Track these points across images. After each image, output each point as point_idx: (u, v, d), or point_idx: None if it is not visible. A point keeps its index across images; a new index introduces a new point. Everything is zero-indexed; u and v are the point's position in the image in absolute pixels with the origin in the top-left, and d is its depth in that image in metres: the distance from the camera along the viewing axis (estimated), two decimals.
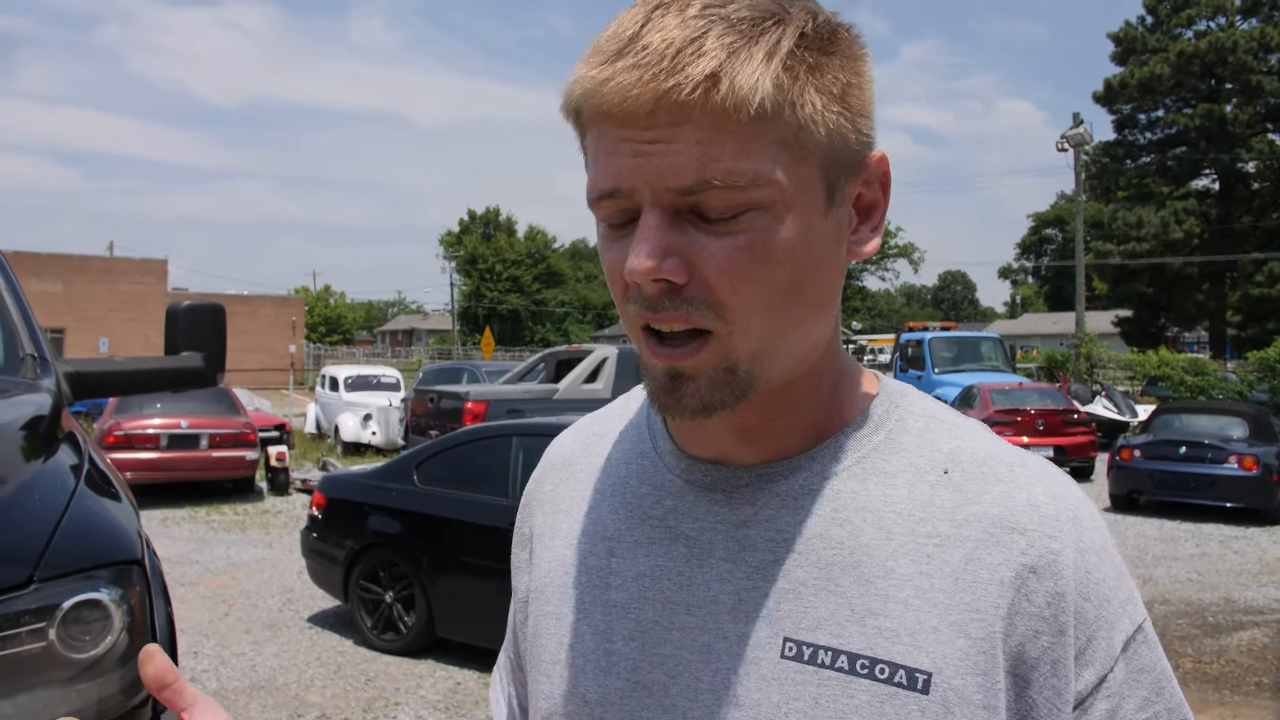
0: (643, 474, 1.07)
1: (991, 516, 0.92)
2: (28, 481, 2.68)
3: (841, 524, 0.95)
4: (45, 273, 46.99)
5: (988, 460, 0.97)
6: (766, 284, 0.88)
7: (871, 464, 0.98)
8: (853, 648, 0.90)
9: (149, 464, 16.17)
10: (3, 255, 4.32)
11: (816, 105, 0.87)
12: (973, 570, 0.90)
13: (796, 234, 0.88)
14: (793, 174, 0.88)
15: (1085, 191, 43.66)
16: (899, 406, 1.02)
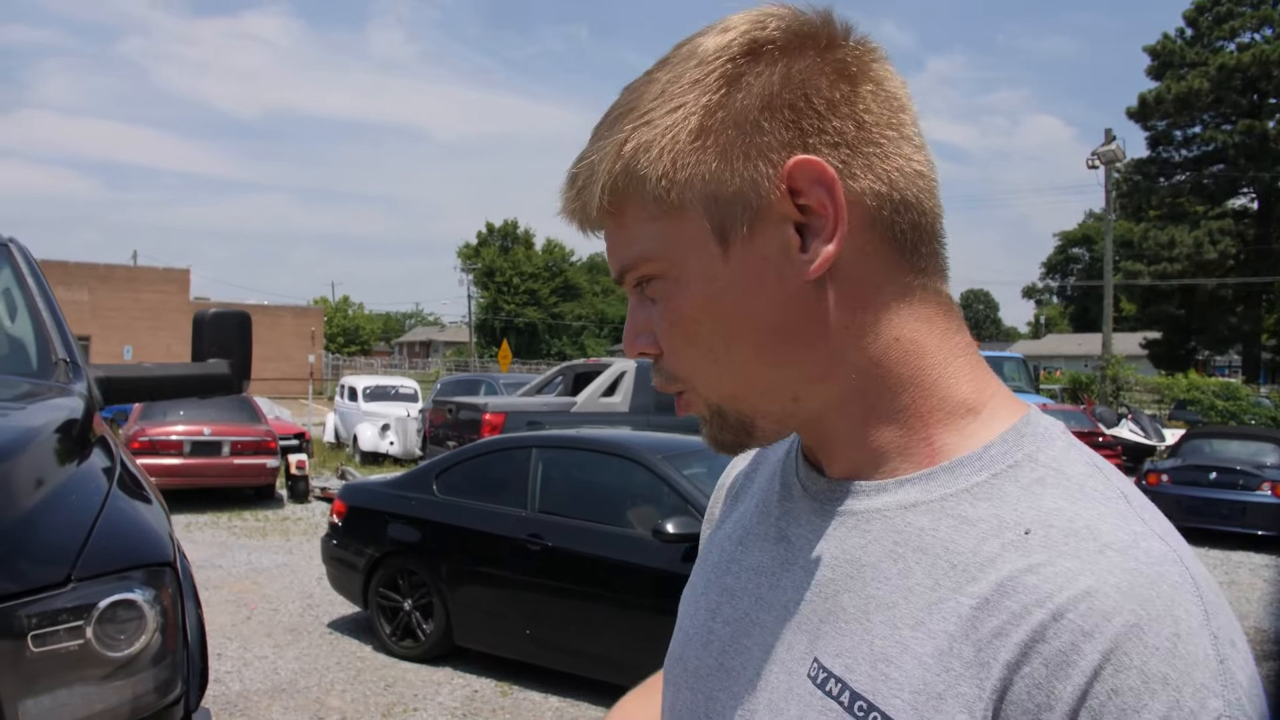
0: (784, 472, 1.08)
1: (1041, 592, 0.80)
2: (64, 484, 2.73)
3: (896, 559, 0.90)
4: (72, 281, 47.24)
5: (1084, 532, 0.83)
6: (694, 341, 0.95)
7: (954, 505, 0.89)
8: (858, 687, 0.87)
9: (172, 470, 16.27)
10: (37, 263, 4.40)
11: (659, 171, 0.91)
12: (995, 646, 0.81)
13: (698, 289, 0.93)
14: (674, 238, 0.93)
15: (1115, 210, 42.79)
16: (1023, 449, 0.90)
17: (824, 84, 0.90)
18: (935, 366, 0.93)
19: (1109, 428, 23.44)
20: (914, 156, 0.92)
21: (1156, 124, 53.85)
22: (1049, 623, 0.78)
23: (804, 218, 0.90)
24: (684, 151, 0.90)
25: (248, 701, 7.31)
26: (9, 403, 3.33)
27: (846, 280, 0.91)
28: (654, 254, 0.94)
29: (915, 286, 0.93)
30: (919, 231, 0.93)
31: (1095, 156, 36.68)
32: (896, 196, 0.91)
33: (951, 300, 0.97)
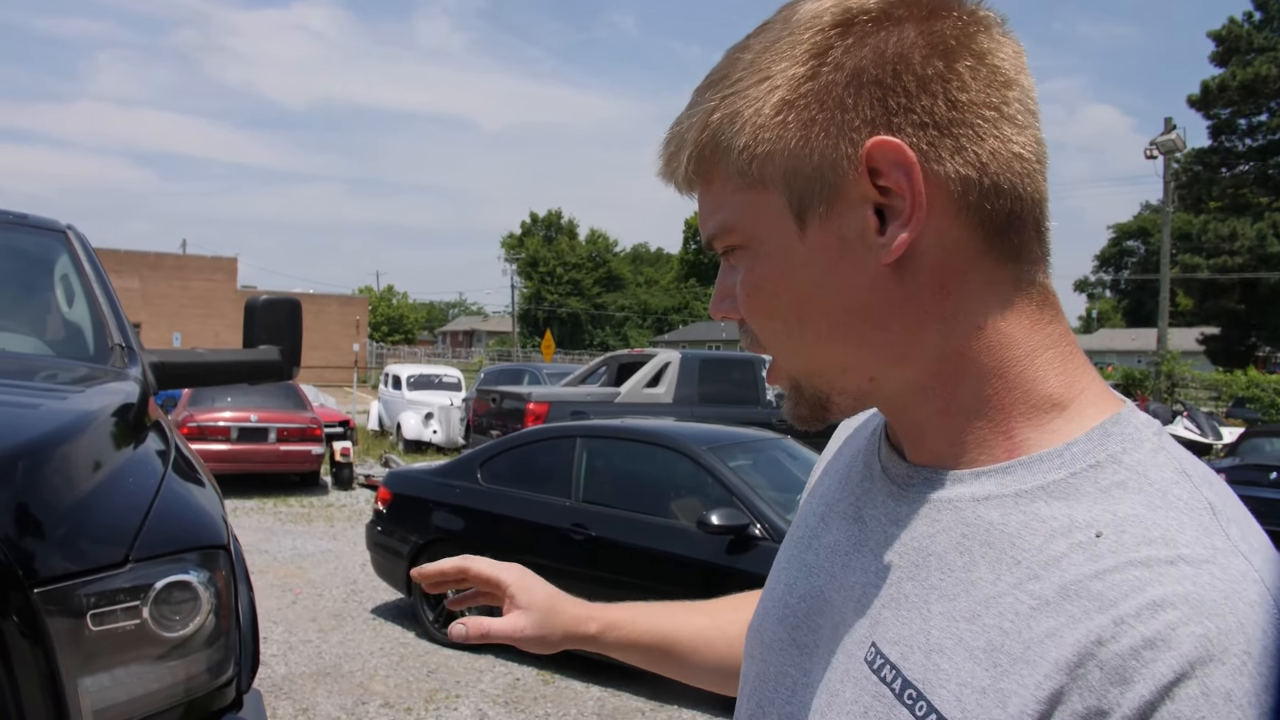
0: (868, 452, 1.07)
1: (1105, 599, 0.77)
2: (121, 466, 2.77)
3: (962, 552, 0.88)
4: (123, 269, 47.64)
5: (1157, 542, 0.79)
6: (769, 312, 0.94)
7: (1027, 502, 0.86)
8: (910, 675, 0.85)
9: (219, 455, 16.41)
10: (94, 251, 4.45)
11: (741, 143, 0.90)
12: (1046, 646, 0.78)
13: (774, 264, 0.92)
14: (755, 210, 0.92)
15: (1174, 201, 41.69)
16: (1108, 449, 0.86)
17: (916, 59, 0.86)
18: (1022, 358, 0.90)
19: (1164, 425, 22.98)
20: (1014, 138, 0.87)
21: (1219, 112, 52.14)
22: (1110, 630, 0.75)
23: (884, 200, 0.86)
24: (766, 125, 0.88)
25: (292, 685, 7.38)
26: (67, 386, 3.38)
27: (927, 266, 0.88)
28: (736, 224, 0.93)
29: (1006, 275, 0.89)
30: (1013, 218, 0.88)
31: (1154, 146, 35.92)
32: (987, 182, 0.86)
33: (1049, 289, 0.92)
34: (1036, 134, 0.90)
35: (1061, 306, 0.94)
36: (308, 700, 7.09)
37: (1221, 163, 53.92)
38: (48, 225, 4.50)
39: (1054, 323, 0.92)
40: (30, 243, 4.42)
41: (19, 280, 4.45)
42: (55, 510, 2.40)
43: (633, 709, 7.18)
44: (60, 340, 4.11)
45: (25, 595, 2.19)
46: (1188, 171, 52.80)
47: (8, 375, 3.38)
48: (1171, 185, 38.56)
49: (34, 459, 2.44)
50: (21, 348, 3.96)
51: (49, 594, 2.24)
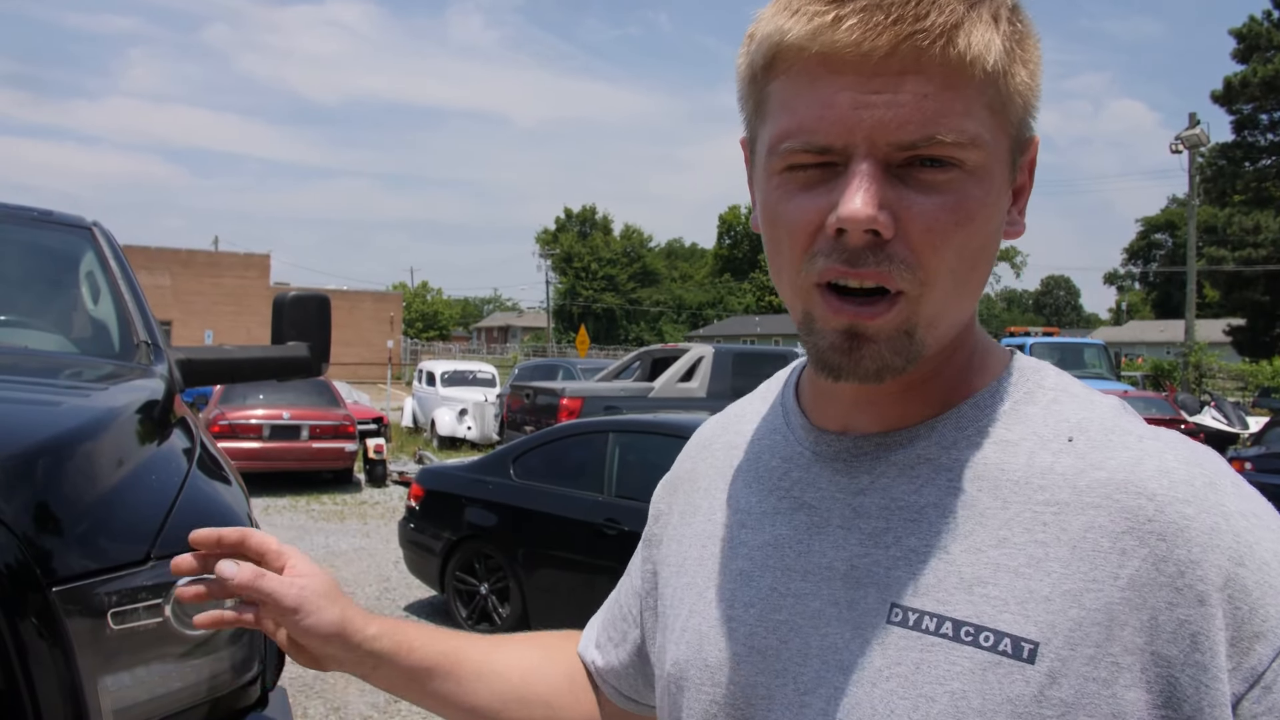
0: (774, 448, 1.08)
1: (1116, 482, 0.87)
2: (144, 463, 2.74)
3: (956, 492, 0.92)
4: (155, 266, 47.98)
5: (1116, 429, 0.92)
6: (961, 248, 0.88)
7: (993, 433, 0.95)
8: (959, 615, 0.87)
9: (252, 453, 16.50)
10: (120, 247, 4.44)
11: (1021, 77, 0.90)
12: (1092, 538, 0.85)
13: (991, 202, 0.90)
14: (996, 142, 0.89)
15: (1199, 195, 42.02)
16: (1029, 380, 0.99)
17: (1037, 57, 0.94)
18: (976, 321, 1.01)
19: (1191, 415, 23.07)
20: None
21: (1242, 108, 52.59)
22: (1144, 503, 0.85)
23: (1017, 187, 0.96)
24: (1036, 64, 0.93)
25: (324, 683, 7.37)
26: (92, 383, 3.36)
27: None
28: (985, 143, 0.88)
29: None
30: None
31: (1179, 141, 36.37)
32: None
33: None
34: None
35: None
36: (339, 699, 7.09)
37: (1245, 157, 54.25)
38: (73, 222, 4.49)
39: None
40: (56, 240, 4.42)
41: (44, 278, 4.44)
42: (75, 508, 2.38)
43: None
44: (85, 338, 4.10)
45: (43, 595, 2.17)
46: (1212, 166, 53.61)
47: (32, 373, 3.37)
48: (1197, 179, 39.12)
49: (54, 457, 2.41)
50: (47, 345, 3.96)
51: (68, 593, 2.21)
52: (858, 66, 0.84)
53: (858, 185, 0.85)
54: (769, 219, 0.94)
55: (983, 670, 0.85)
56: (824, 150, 0.87)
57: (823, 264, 0.88)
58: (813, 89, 0.87)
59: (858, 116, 0.85)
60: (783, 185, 0.91)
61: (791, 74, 0.89)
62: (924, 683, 0.87)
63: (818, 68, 0.86)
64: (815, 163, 0.88)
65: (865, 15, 0.83)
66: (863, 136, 0.85)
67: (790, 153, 0.89)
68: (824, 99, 0.86)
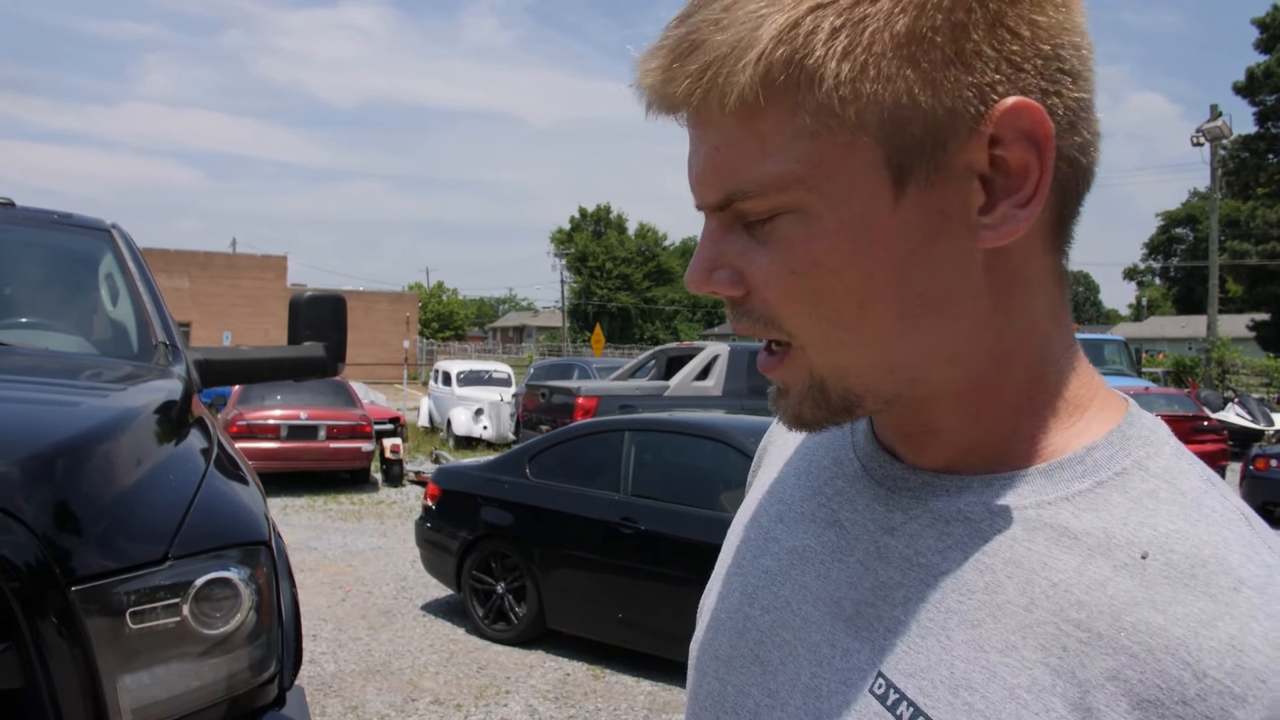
0: (831, 445, 0.96)
1: (1169, 637, 0.67)
2: (162, 463, 2.76)
3: (983, 571, 0.77)
4: (173, 269, 48.11)
5: (1212, 563, 0.70)
6: (819, 299, 0.75)
7: (1054, 514, 0.76)
8: (934, 714, 0.74)
9: (269, 453, 16.54)
10: (138, 250, 4.47)
11: (843, 73, 0.69)
12: (1109, 692, 0.68)
13: (846, 236, 0.73)
14: (830, 165, 0.72)
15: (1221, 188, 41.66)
16: (1132, 455, 0.77)
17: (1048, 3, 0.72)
18: (1056, 359, 0.80)
19: (1214, 412, 22.92)
20: (1093, 108, 0.76)
21: (1265, 99, 52.28)
22: (1187, 679, 0.65)
23: (990, 171, 0.73)
24: (884, 56, 0.69)
25: (342, 682, 7.40)
26: (110, 384, 3.38)
27: (1015, 252, 0.76)
28: (798, 180, 0.72)
29: (1053, 264, 0.79)
30: (1075, 197, 0.78)
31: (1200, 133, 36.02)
32: (1084, 161, 0.76)
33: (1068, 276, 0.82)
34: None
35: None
36: (357, 698, 7.10)
37: (1268, 149, 53.91)
38: (92, 224, 4.52)
39: (1068, 312, 0.82)
40: (75, 242, 4.45)
41: (64, 280, 4.47)
42: (94, 508, 2.39)
43: (683, 703, 7.10)
44: (105, 339, 4.12)
45: (63, 594, 2.18)
46: (1234, 158, 53.17)
47: (52, 374, 3.39)
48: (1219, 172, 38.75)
49: (73, 456, 2.43)
50: (66, 346, 3.98)
51: (87, 592, 2.23)
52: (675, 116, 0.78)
53: (697, 248, 0.80)
54: None
55: None
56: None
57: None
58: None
59: (689, 170, 0.79)
60: None
61: None
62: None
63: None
64: None
65: (656, 73, 0.75)
66: (695, 195, 0.79)
67: None
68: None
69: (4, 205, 4.37)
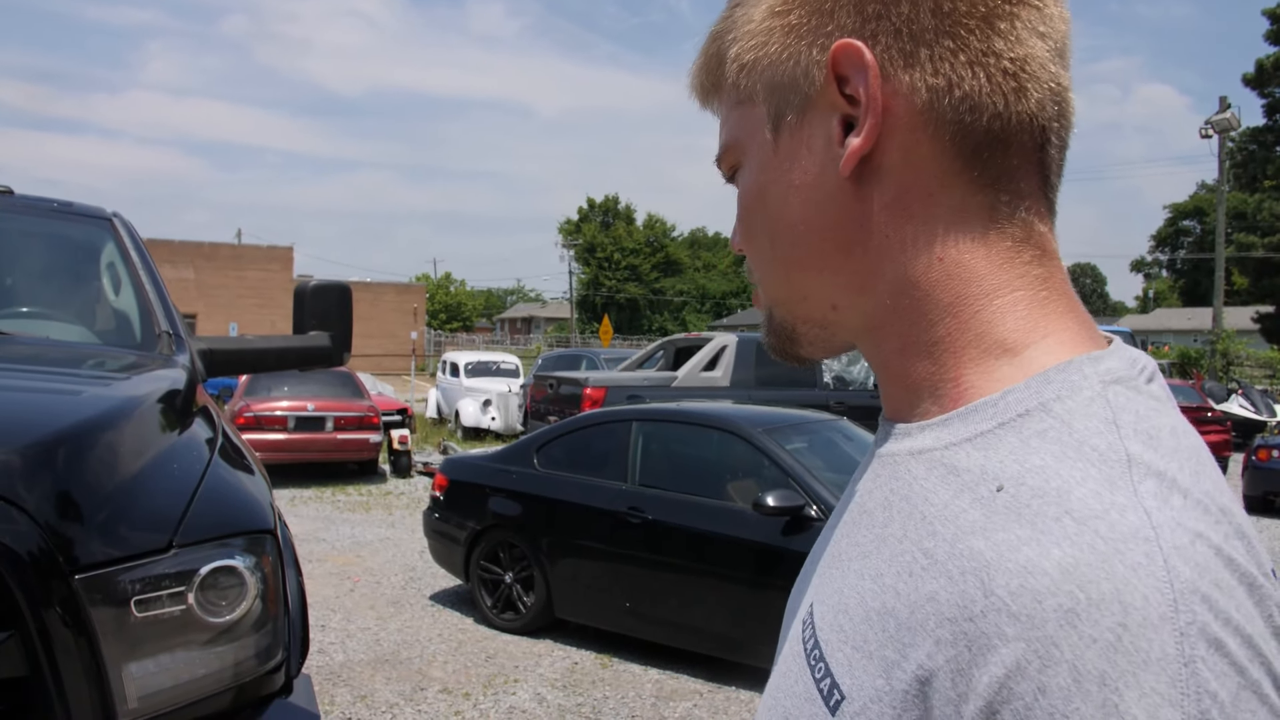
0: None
1: (980, 560, 0.69)
2: (166, 452, 2.75)
3: (884, 506, 0.82)
4: (178, 260, 48.15)
5: (1051, 495, 0.70)
6: (752, 234, 0.92)
7: (952, 455, 0.78)
8: (821, 636, 0.81)
9: (277, 445, 16.55)
10: (140, 238, 4.45)
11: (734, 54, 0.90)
12: (927, 610, 0.70)
13: (754, 179, 0.90)
14: (745, 125, 0.90)
15: (1229, 180, 41.70)
16: (1041, 398, 0.77)
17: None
18: (980, 296, 0.80)
19: (1218, 403, 22.98)
20: (1005, 52, 0.79)
21: (1274, 91, 51.68)
22: (978, 597, 0.67)
23: (852, 110, 0.81)
24: (755, 33, 0.87)
25: (351, 672, 7.40)
26: (114, 373, 3.37)
27: (891, 183, 0.81)
28: (731, 141, 0.92)
29: (979, 202, 0.81)
30: (992, 139, 0.79)
31: (1209, 125, 35.96)
32: (958, 93, 0.78)
33: (1037, 228, 0.82)
34: (1039, 54, 0.80)
35: (1055, 251, 0.84)
36: (366, 687, 7.11)
37: (1276, 141, 53.40)
38: (93, 213, 4.50)
39: (1034, 263, 0.82)
40: (76, 231, 4.43)
41: (65, 269, 4.46)
42: (97, 496, 2.38)
43: (690, 690, 7.14)
44: (107, 329, 4.11)
45: (67, 583, 2.17)
46: (1243, 150, 53.11)
47: (54, 363, 3.38)
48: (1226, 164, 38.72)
49: (76, 445, 2.42)
50: (69, 336, 3.97)
51: (91, 581, 2.22)
52: None
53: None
54: None
55: (804, 701, 0.81)
56: None
57: None
58: None
59: None
60: None
61: None
62: (777, 690, 0.87)
63: None
64: None
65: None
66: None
67: None
68: None
69: (2, 194, 4.35)
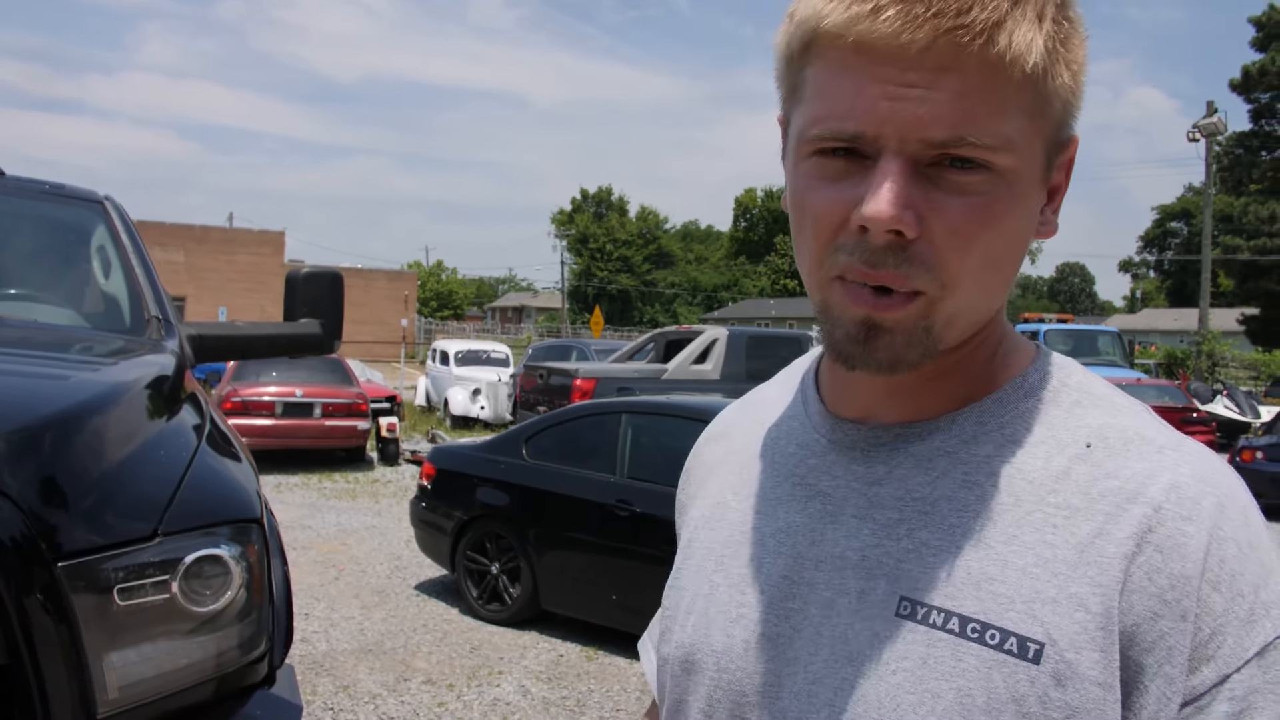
0: (791, 434, 1.08)
1: (1127, 492, 0.87)
2: (153, 439, 2.73)
3: (971, 487, 0.92)
4: (168, 242, 47.98)
5: (1136, 439, 0.91)
6: (986, 251, 0.87)
7: (1012, 431, 0.94)
8: (966, 611, 0.87)
9: (264, 431, 16.48)
10: (131, 222, 4.42)
11: (1063, 79, 0.87)
12: (1099, 545, 0.85)
13: (1020, 205, 0.88)
14: (1029, 144, 0.87)
15: (1215, 184, 42.06)
16: (1054, 378, 0.98)
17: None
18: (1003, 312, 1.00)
19: (1204, 403, 23.07)
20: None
21: (1259, 96, 52.84)
22: (1150, 515, 0.85)
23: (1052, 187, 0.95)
24: (1079, 65, 0.90)
25: (334, 661, 7.38)
26: (101, 358, 3.34)
27: None
28: (1018, 146, 0.86)
29: None
30: None
31: (1196, 129, 36.29)
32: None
33: None
34: None
35: None
36: (349, 677, 7.09)
37: (1262, 146, 54.51)
38: (85, 196, 4.47)
39: None
40: (67, 214, 4.40)
41: (56, 252, 4.42)
42: (82, 483, 2.36)
43: None
44: (96, 312, 4.08)
45: (49, 570, 2.15)
46: (1229, 155, 54.10)
47: (40, 346, 3.36)
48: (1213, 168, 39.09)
49: (60, 431, 2.40)
50: (57, 320, 3.94)
51: (74, 568, 2.20)
52: (894, 58, 0.82)
53: (884, 183, 0.83)
54: (796, 204, 0.93)
55: (988, 668, 0.85)
56: (853, 138, 0.85)
57: (844, 260, 0.87)
58: (846, 77, 0.85)
59: (890, 108, 0.83)
60: (811, 173, 0.90)
61: (827, 60, 0.87)
62: (930, 678, 0.87)
63: (853, 56, 0.84)
64: (843, 148, 0.86)
65: (905, 6, 0.81)
66: (893, 129, 0.83)
67: (820, 139, 0.87)
68: (857, 88, 0.84)
69: None
